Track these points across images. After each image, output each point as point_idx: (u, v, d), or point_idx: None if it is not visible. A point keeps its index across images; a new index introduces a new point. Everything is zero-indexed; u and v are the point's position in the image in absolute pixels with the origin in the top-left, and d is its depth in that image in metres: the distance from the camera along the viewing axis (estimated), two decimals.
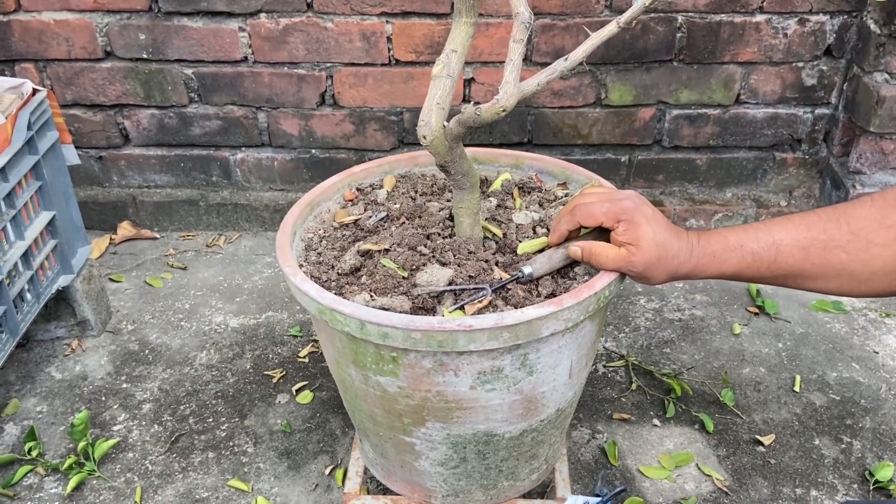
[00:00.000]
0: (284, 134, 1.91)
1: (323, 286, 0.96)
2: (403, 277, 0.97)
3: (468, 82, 1.81)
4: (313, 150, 1.94)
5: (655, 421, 1.45)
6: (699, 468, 1.36)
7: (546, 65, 0.85)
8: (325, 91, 1.85)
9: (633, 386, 1.52)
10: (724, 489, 1.32)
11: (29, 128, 1.38)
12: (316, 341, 1.64)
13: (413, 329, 0.85)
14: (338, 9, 1.73)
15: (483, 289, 0.93)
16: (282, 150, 1.94)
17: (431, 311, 0.94)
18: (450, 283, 0.95)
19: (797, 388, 1.52)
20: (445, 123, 0.90)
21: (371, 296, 0.94)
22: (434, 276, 0.96)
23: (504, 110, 0.82)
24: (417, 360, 0.90)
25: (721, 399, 1.48)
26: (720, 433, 1.42)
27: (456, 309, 0.91)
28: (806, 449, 1.39)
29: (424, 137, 0.90)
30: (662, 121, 1.87)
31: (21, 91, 1.40)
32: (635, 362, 1.58)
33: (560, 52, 1.76)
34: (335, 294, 0.94)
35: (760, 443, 1.40)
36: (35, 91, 1.42)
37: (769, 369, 1.57)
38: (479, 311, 0.91)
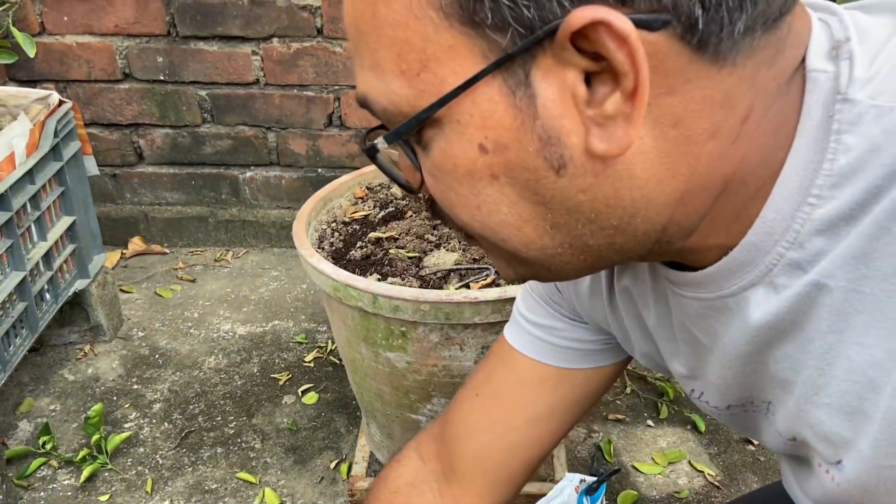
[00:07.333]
0: (292, 153, 2.00)
1: None
2: (411, 260, 1.04)
3: None
4: (319, 169, 2.02)
5: (649, 422, 1.50)
6: (691, 464, 1.40)
7: None
8: (333, 112, 1.94)
9: (628, 389, 1.58)
10: (716, 483, 1.36)
11: (55, 135, 1.46)
12: (321, 347, 1.70)
13: (422, 301, 0.92)
14: (346, 34, 1.83)
15: (487, 269, 1.00)
16: (289, 168, 2.03)
17: (438, 290, 1.00)
18: (455, 265, 1.02)
19: None
20: None
21: (382, 276, 1.01)
22: (441, 259, 1.03)
23: None
24: (425, 333, 0.96)
25: None
26: (711, 433, 1.47)
27: (462, 286, 0.98)
28: None
29: None
30: None
31: (48, 102, 1.48)
32: (629, 368, 1.63)
33: None
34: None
35: (750, 442, 1.45)
36: (61, 102, 1.51)
37: None
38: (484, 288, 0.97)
